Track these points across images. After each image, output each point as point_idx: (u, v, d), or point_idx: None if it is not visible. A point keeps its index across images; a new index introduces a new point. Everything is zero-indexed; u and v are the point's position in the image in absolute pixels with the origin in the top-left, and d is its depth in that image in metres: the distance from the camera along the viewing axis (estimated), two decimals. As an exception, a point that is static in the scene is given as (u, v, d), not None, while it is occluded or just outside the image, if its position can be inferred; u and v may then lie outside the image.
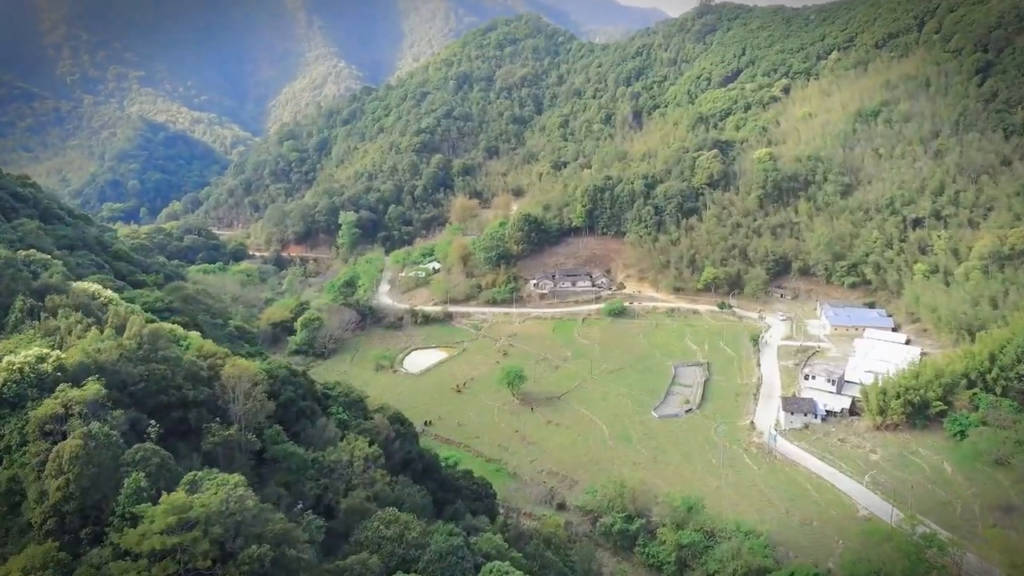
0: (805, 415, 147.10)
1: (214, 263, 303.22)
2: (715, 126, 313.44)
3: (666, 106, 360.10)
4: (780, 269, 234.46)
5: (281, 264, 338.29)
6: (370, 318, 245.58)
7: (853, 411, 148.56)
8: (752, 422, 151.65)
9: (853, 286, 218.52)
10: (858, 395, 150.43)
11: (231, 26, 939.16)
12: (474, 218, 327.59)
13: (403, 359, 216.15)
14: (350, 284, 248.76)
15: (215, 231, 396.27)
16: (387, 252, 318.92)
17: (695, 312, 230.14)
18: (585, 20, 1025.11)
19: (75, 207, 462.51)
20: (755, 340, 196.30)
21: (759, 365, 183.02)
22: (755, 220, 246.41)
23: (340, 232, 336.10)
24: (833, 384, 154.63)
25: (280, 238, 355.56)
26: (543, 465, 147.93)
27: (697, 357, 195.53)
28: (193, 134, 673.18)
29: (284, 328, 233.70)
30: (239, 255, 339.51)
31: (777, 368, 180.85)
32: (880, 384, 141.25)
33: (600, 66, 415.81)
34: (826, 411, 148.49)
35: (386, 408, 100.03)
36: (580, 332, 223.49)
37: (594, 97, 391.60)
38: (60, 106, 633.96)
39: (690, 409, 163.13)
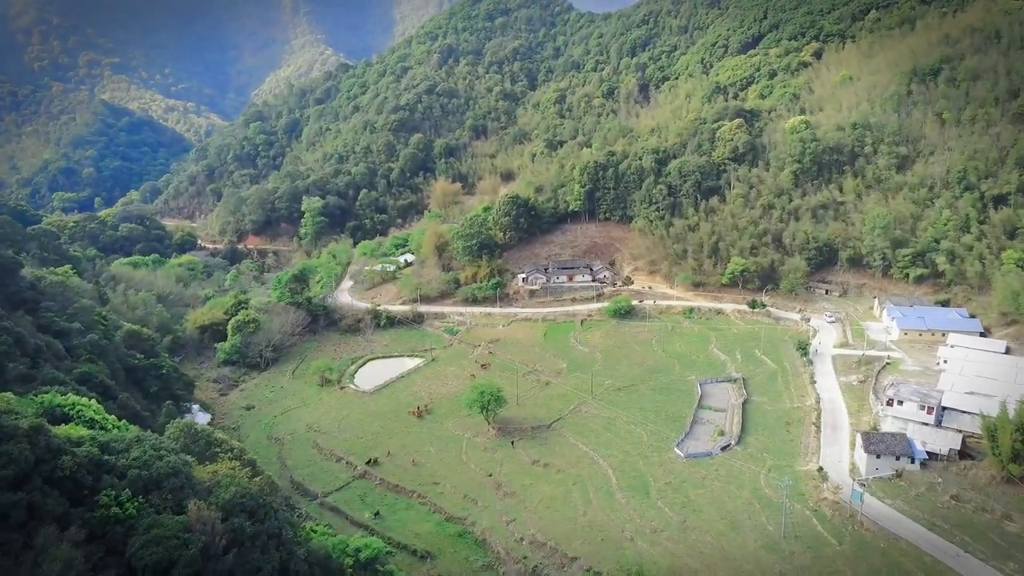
0: (897, 458, 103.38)
1: (149, 255, 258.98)
2: (735, 96, 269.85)
3: (676, 78, 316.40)
4: (824, 259, 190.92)
5: (236, 257, 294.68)
6: (323, 320, 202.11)
7: (964, 453, 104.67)
8: (821, 468, 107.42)
9: (919, 279, 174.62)
10: (970, 429, 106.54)
11: (213, 13, 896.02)
12: (456, 204, 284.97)
13: (355, 371, 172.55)
14: (300, 279, 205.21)
15: (168, 222, 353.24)
16: (356, 243, 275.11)
17: (719, 312, 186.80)
18: (587, 5, 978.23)
19: (23, 197, 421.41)
20: (803, 349, 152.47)
21: (814, 382, 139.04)
22: (791, 200, 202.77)
23: (303, 221, 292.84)
24: (930, 412, 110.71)
25: (236, 228, 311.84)
26: (524, 529, 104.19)
27: (729, 370, 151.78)
28: (166, 122, 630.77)
29: (216, 332, 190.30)
30: (187, 247, 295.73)
31: (838, 386, 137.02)
32: (1015, 416, 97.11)
33: (601, 36, 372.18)
34: (927, 453, 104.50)
35: (223, 487, 55.95)
36: (578, 337, 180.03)
37: (594, 70, 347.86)
38: (17, 90, 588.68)
39: (728, 445, 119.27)
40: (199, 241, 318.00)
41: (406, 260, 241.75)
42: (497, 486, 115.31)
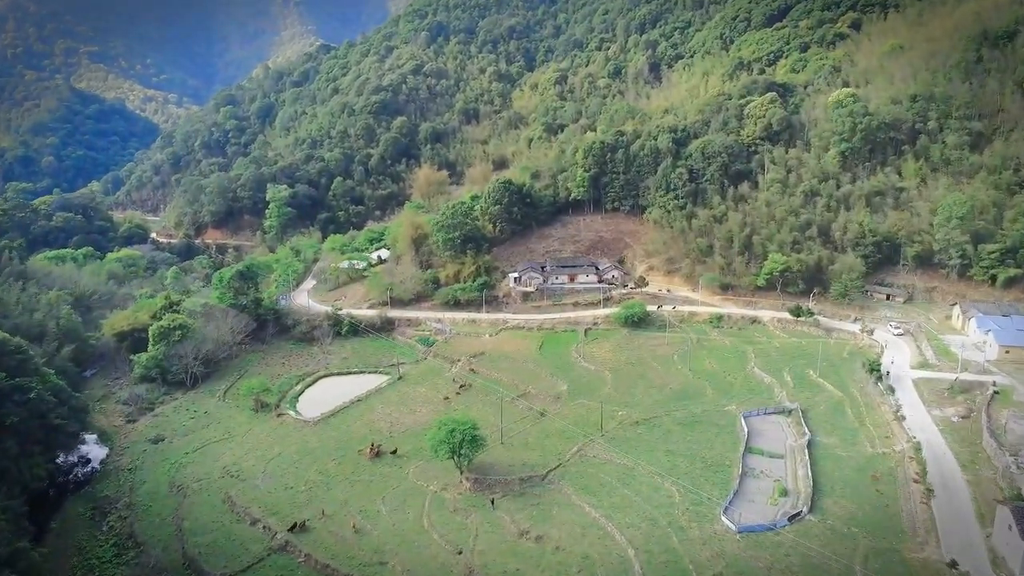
0: (1070, 550, 68.08)
1: (81, 248, 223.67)
2: (761, 72, 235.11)
3: (692, 55, 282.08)
4: (883, 257, 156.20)
5: (191, 253, 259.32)
6: (273, 326, 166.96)
7: None
8: (955, 563, 71.96)
9: (1009, 282, 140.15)
10: None
11: (200, 2, 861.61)
12: (442, 195, 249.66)
13: (301, 393, 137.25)
14: (247, 277, 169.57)
15: (115, 213, 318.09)
16: (327, 237, 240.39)
17: (755, 321, 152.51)
18: None
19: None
20: (874, 370, 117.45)
21: (900, 417, 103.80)
22: (838, 186, 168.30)
23: (267, 212, 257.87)
24: (1101, 474, 75.63)
25: (194, 220, 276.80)
26: (505, 649, 68.88)
27: (779, 398, 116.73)
28: (143, 113, 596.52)
29: (140, 341, 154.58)
30: (134, 240, 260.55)
31: (932, 423, 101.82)
32: None
33: (607, 13, 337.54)
34: (1114, 541, 69.34)
35: None
36: (581, 351, 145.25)
37: (599, 49, 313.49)
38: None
39: (797, 514, 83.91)
40: (153, 235, 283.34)
41: (379, 256, 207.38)
42: (469, 572, 79.92)
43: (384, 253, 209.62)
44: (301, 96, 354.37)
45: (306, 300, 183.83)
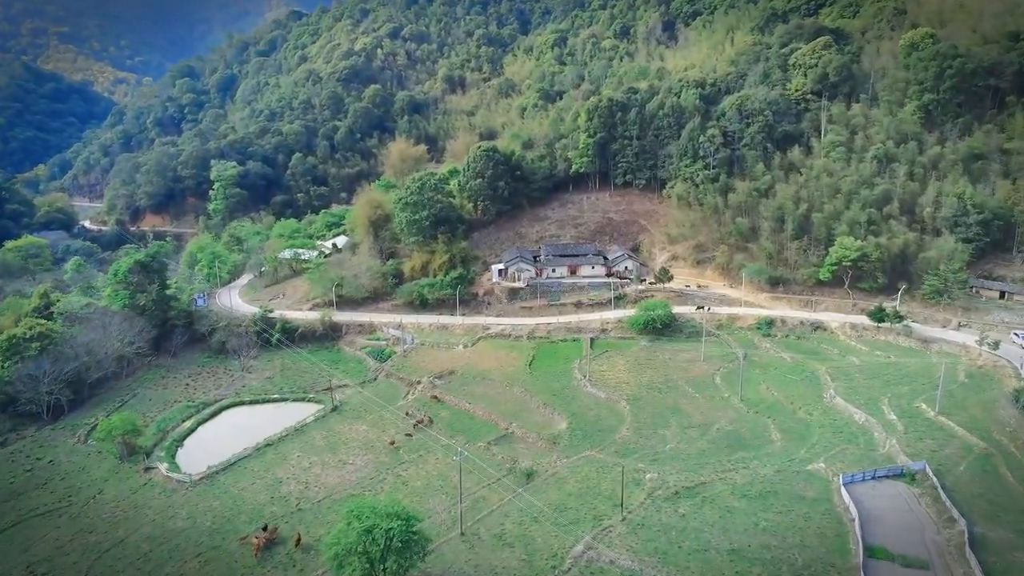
0: None
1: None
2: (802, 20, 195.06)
3: (712, 10, 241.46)
4: (992, 241, 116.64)
5: (122, 241, 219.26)
6: (180, 334, 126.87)
7: None
8: None
9: None
10: None
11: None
12: (419, 172, 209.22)
13: (192, 431, 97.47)
14: (150, 269, 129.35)
15: (76, 203, 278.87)
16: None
17: (819, 327, 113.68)
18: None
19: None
20: (1032, 406, 78.08)
21: (1111, 495, 64.17)
22: (922, 150, 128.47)
23: (212, 193, 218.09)
24: None
25: (129, 204, 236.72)
26: None
27: (891, 450, 77.07)
28: (112, 96, 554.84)
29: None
30: (55, 226, 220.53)
31: None
32: None
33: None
34: None
35: None
36: (587, 369, 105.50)
37: (603, 7, 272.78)
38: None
39: None
40: (86, 222, 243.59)
41: (334, 244, 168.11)
42: None
43: (343, 240, 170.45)
44: (266, 66, 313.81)
45: (239, 300, 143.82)
